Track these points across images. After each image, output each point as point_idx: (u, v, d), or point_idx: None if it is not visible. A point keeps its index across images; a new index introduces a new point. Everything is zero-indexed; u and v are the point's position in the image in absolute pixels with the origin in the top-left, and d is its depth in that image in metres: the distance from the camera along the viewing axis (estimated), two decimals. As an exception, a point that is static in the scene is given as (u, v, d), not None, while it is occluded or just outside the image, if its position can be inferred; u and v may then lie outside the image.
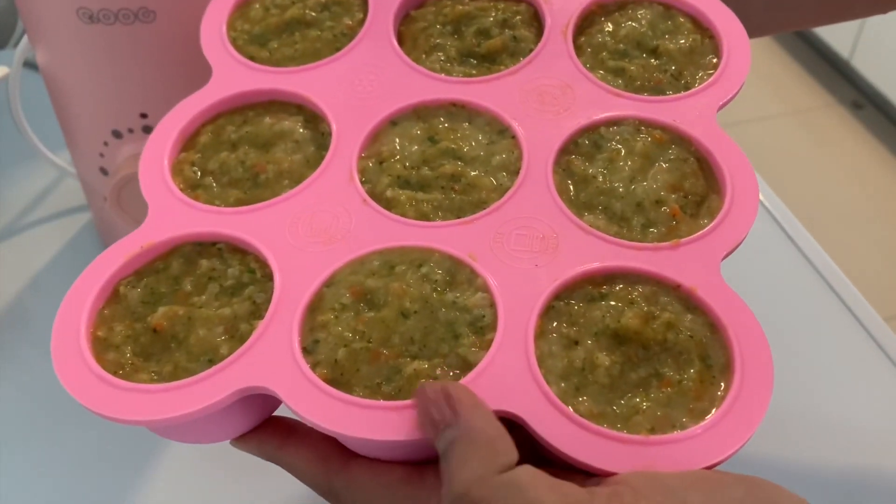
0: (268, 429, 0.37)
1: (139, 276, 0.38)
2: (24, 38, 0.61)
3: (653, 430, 0.33)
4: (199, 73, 0.54)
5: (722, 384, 0.34)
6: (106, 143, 0.56)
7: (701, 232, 0.38)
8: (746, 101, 0.82)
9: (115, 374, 0.36)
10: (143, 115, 0.54)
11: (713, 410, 0.33)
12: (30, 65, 0.79)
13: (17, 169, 0.73)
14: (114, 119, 0.55)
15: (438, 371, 0.34)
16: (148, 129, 0.55)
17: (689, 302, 0.36)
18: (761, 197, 0.73)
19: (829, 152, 2.18)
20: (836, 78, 2.38)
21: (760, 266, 0.69)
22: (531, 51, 0.44)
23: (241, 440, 0.37)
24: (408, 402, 0.33)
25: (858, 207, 2.03)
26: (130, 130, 0.55)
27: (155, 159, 0.41)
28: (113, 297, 0.38)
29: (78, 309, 0.37)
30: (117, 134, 0.55)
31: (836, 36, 2.32)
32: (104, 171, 0.58)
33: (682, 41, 0.44)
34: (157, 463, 0.54)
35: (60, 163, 0.67)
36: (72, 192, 0.70)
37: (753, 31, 0.47)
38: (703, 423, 0.33)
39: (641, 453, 0.32)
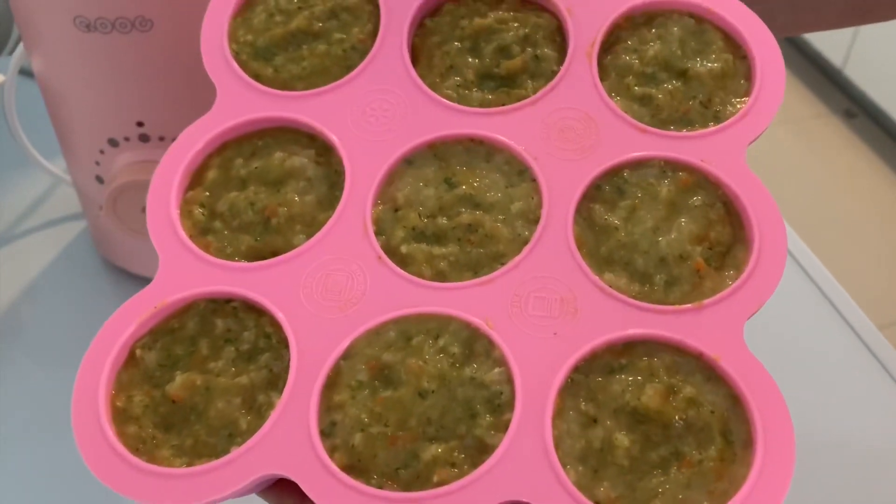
0: (287, 486, 0.35)
1: (154, 337, 0.37)
2: (20, 46, 0.61)
3: None
4: (196, 82, 0.54)
5: (744, 462, 0.33)
6: (102, 152, 0.56)
7: (726, 291, 0.36)
8: None
9: (136, 449, 0.35)
10: (140, 124, 0.54)
11: (734, 492, 0.32)
12: (25, 72, 0.79)
13: (11, 176, 0.73)
14: (110, 127, 0.55)
15: (455, 454, 0.34)
16: (144, 138, 0.55)
17: (712, 372, 0.35)
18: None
19: (822, 161, 2.19)
20: (829, 87, 2.39)
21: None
22: (553, 72, 0.41)
23: (260, 494, 0.37)
24: (426, 492, 0.33)
25: (852, 216, 2.04)
26: (127, 139, 0.55)
27: (162, 199, 0.40)
28: (130, 360, 0.37)
29: (96, 375, 0.36)
30: (113, 142, 0.55)
31: (829, 45, 2.33)
32: (100, 180, 0.58)
33: (714, 62, 0.41)
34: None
35: (55, 170, 0.67)
36: (67, 200, 0.70)
37: (778, 31, 0.45)
38: None
39: None
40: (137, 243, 0.61)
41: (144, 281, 0.63)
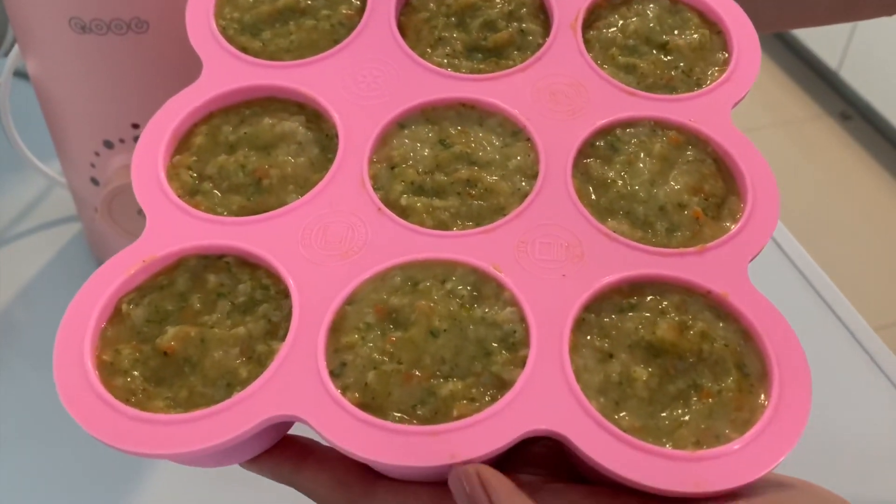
0: (283, 451, 0.35)
1: (142, 293, 0.36)
2: (15, 48, 0.61)
3: (698, 443, 0.33)
4: (189, 82, 0.54)
5: (761, 393, 0.34)
6: (97, 154, 0.56)
7: (727, 235, 0.37)
8: (735, 111, 0.82)
9: (126, 401, 0.33)
10: (135, 126, 0.54)
11: (755, 421, 0.33)
12: (20, 74, 0.79)
13: (6, 178, 0.73)
14: (105, 129, 0.55)
15: (474, 391, 0.33)
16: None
17: (721, 309, 0.35)
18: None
19: (818, 163, 2.19)
20: (825, 89, 2.39)
21: (750, 275, 0.69)
22: (539, 45, 0.43)
23: (254, 463, 0.35)
24: (447, 425, 0.32)
25: (847, 218, 2.04)
26: (122, 141, 0.55)
27: (148, 163, 0.38)
28: (115, 315, 0.35)
29: (80, 330, 0.34)
30: (109, 144, 0.55)
31: (825, 47, 2.33)
32: (95, 182, 0.57)
33: (691, 36, 0.43)
34: (151, 474, 0.54)
35: (51, 172, 0.67)
36: (62, 203, 0.70)
37: (764, 27, 0.46)
38: (747, 435, 0.32)
39: (689, 469, 0.32)
40: (130, 244, 0.61)
41: (140, 283, 0.64)
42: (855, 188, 2.14)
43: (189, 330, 0.35)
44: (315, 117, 0.41)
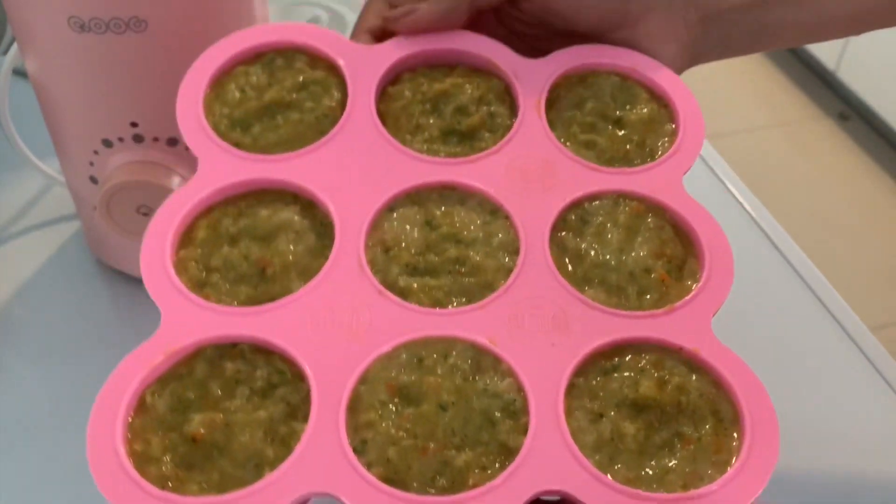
0: None
1: (163, 384, 0.38)
2: (14, 46, 0.61)
3: (685, 486, 0.37)
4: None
5: (735, 434, 0.38)
6: (96, 152, 0.56)
7: (691, 295, 0.41)
8: (734, 112, 0.83)
9: (163, 488, 0.36)
10: (134, 125, 0.54)
11: (733, 461, 0.37)
12: (18, 73, 0.79)
13: (5, 177, 0.73)
14: (104, 128, 0.55)
15: (484, 459, 0.37)
16: (138, 139, 0.55)
17: (693, 363, 0.40)
18: (748, 207, 0.74)
19: (816, 163, 2.20)
20: (823, 89, 2.40)
21: (748, 276, 0.69)
22: (508, 126, 0.47)
23: None
24: (465, 494, 0.36)
25: (845, 218, 2.05)
26: (121, 139, 0.55)
27: (156, 258, 0.41)
28: (140, 406, 0.38)
29: (110, 423, 0.37)
30: (107, 143, 0.55)
31: (823, 48, 2.34)
32: (94, 180, 0.57)
33: (642, 111, 0.48)
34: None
35: (49, 171, 0.67)
36: (60, 201, 0.70)
37: (737, 52, 0.51)
38: (727, 474, 0.37)
39: None
40: (131, 244, 0.61)
41: (138, 282, 0.63)
42: (853, 189, 2.14)
43: (214, 416, 0.37)
44: (309, 206, 0.43)
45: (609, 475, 0.37)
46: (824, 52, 2.34)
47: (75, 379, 0.59)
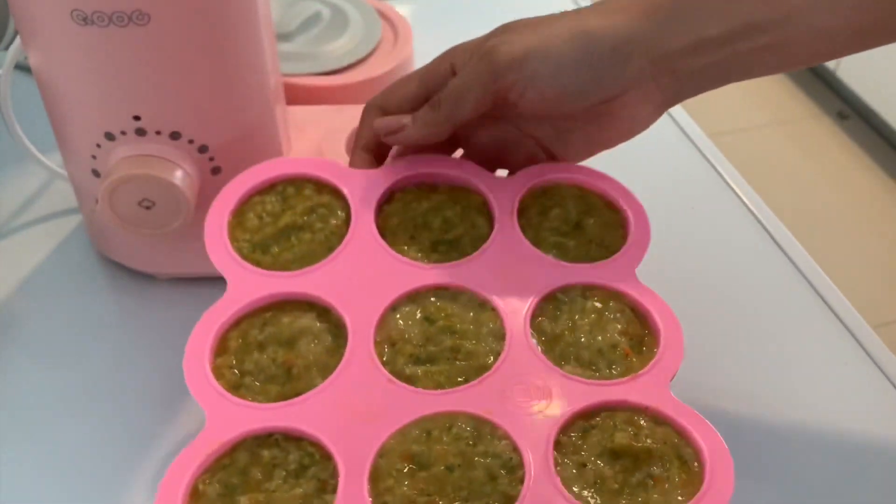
0: None
1: (212, 473, 0.45)
2: (17, 40, 0.61)
3: None
4: (193, 76, 0.54)
5: (696, 472, 0.46)
6: (98, 146, 0.56)
7: (650, 365, 0.49)
8: (733, 111, 0.83)
9: None
10: (136, 118, 0.54)
11: (698, 493, 0.45)
12: (21, 67, 0.79)
13: (7, 171, 0.73)
14: (106, 121, 0.55)
15: None
16: (141, 132, 0.55)
17: (657, 418, 0.47)
18: (751, 206, 0.74)
19: (815, 162, 2.20)
20: (822, 88, 2.40)
21: (749, 273, 0.69)
22: (486, 233, 0.55)
23: None
24: None
25: (844, 217, 2.05)
26: (123, 133, 0.55)
27: (198, 367, 0.48)
28: (194, 494, 0.44)
29: None
30: (110, 136, 0.55)
31: (822, 47, 2.33)
32: (96, 174, 0.57)
33: (599, 216, 0.56)
34: (148, 468, 0.54)
35: (51, 165, 0.67)
36: (62, 195, 0.70)
37: (716, 86, 0.54)
38: (694, 499, 0.44)
39: None
40: (133, 238, 0.61)
41: (140, 276, 0.64)
42: (851, 187, 2.14)
43: (258, 496, 0.44)
44: (324, 312, 0.51)
45: None
46: (824, 50, 2.34)
47: (77, 373, 0.59)
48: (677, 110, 0.83)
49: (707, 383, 0.59)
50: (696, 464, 0.46)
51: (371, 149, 0.57)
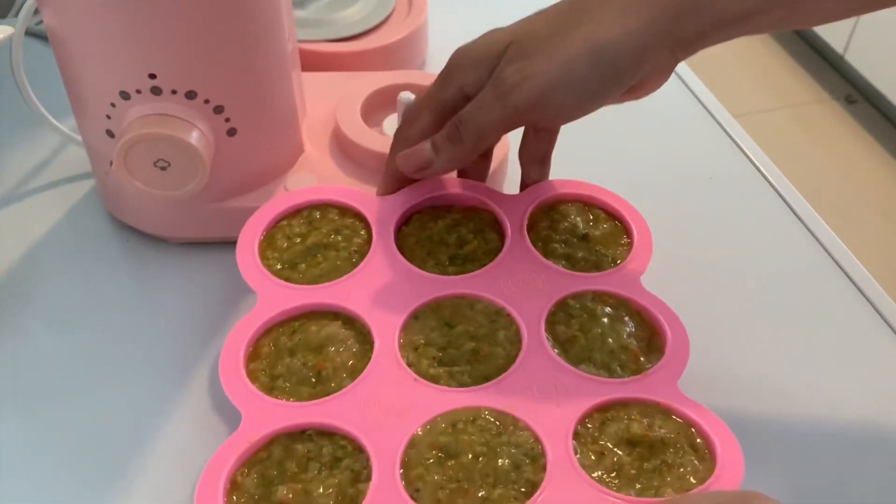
0: None
1: (249, 466, 0.48)
2: (26, 6, 0.61)
3: None
4: (209, 34, 0.54)
5: (710, 460, 0.48)
6: (113, 105, 0.55)
7: (660, 363, 0.52)
8: (740, 95, 0.83)
9: None
10: (152, 76, 0.54)
11: (710, 477, 0.47)
12: (32, 35, 0.78)
13: (19, 135, 0.72)
14: (121, 80, 0.54)
15: (514, 493, 0.46)
16: (156, 91, 0.54)
17: (668, 412, 0.50)
18: (779, 188, 0.73)
19: (823, 147, 2.19)
20: (830, 73, 2.39)
21: (775, 253, 0.68)
22: (499, 247, 0.58)
23: None
24: None
25: (851, 202, 2.04)
26: (139, 91, 0.54)
27: (233, 372, 0.51)
28: (233, 486, 0.47)
29: (214, 501, 0.46)
30: (125, 95, 0.54)
31: (831, 31, 2.32)
32: (110, 134, 0.57)
33: (603, 228, 0.60)
34: (162, 433, 0.54)
35: (64, 129, 0.66)
36: (75, 160, 0.70)
37: (762, 30, 0.53)
38: (706, 483, 0.47)
39: None
40: (147, 201, 0.60)
41: (153, 240, 0.63)
42: (859, 172, 2.13)
43: (295, 486, 0.46)
44: (349, 321, 0.54)
45: (617, 497, 0.46)
46: (832, 35, 2.33)
47: (90, 338, 0.58)
48: (701, 89, 0.83)
49: (721, 370, 0.59)
50: (707, 452, 0.48)
51: (399, 176, 0.59)
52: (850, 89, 2.34)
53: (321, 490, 0.46)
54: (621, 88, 0.53)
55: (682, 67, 0.86)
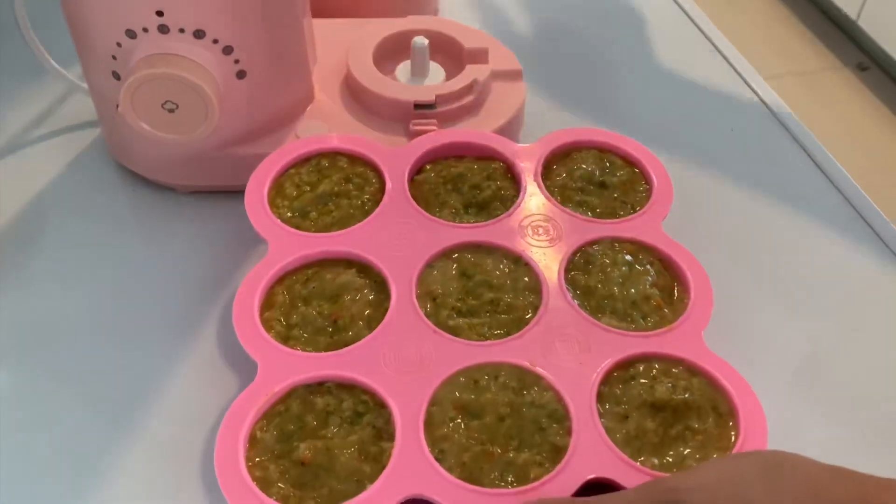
0: None
1: (268, 420, 0.46)
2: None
3: None
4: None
5: (731, 423, 0.47)
6: (119, 45, 0.53)
7: (683, 316, 0.51)
8: (751, 62, 0.81)
9: None
10: (159, 13, 0.52)
11: (732, 446, 0.45)
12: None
13: (23, 83, 0.71)
14: (128, 17, 0.52)
15: (538, 457, 0.45)
16: (163, 29, 0.52)
17: (692, 369, 0.49)
18: (801, 140, 0.72)
19: (833, 113, 2.17)
20: (842, 39, 2.36)
21: (798, 204, 0.67)
22: (513, 196, 0.57)
23: None
24: (529, 486, 0.44)
25: (862, 169, 2.02)
26: (145, 30, 0.52)
27: (247, 320, 0.50)
28: (252, 440, 0.45)
29: (233, 456, 0.44)
30: (131, 34, 0.53)
31: (844, -4, 2.29)
32: (116, 76, 0.55)
33: (620, 175, 0.59)
34: (169, 384, 0.52)
35: (69, 76, 0.65)
36: (80, 108, 0.68)
37: None
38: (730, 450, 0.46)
39: None
40: (154, 148, 0.59)
41: (160, 189, 0.62)
42: (871, 139, 2.11)
43: (316, 443, 0.45)
44: (364, 269, 0.53)
45: (640, 464, 0.45)
46: (845, 1, 2.30)
47: (96, 287, 0.57)
48: (732, 51, 0.81)
49: (744, 322, 0.57)
50: (730, 416, 0.47)
51: None
52: (863, 56, 2.31)
53: (343, 448, 0.45)
54: None
55: (703, 19, 0.84)
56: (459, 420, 0.46)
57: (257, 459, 0.45)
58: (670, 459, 0.45)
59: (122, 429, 0.50)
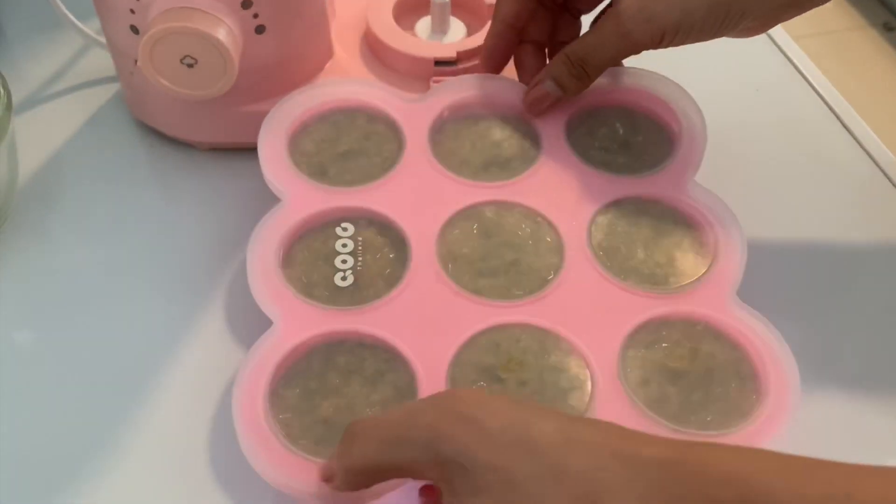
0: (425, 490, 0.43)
1: (289, 378, 0.46)
2: None
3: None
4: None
5: (754, 390, 0.46)
6: (137, -1, 0.53)
7: (710, 276, 0.50)
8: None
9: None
10: (178, -34, 0.51)
11: (754, 413, 0.45)
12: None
13: (41, 37, 0.70)
14: (146, -30, 0.52)
15: None
16: (182, -18, 0.52)
17: (715, 330, 0.48)
18: (829, 100, 0.71)
19: (859, 74, 2.14)
20: (868, -1, 2.32)
21: (827, 163, 0.66)
22: (534, 155, 0.56)
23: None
24: None
25: (887, 130, 1.99)
26: (164, -17, 0.52)
27: (266, 274, 0.49)
28: (273, 397, 0.45)
29: (255, 415, 0.44)
30: (150, -13, 0.52)
31: (871, -46, 2.25)
32: (135, 30, 0.55)
33: (645, 134, 0.58)
34: (186, 347, 0.53)
35: (87, 30, 0.64)
36: (99, 64, 0.67)
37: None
38: (752, 417, 0.45)
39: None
40: (173, 104, 0.58)
41: (179, 146, 0.62)
42: (895, 100, 2.08)
43: (339, 401, 0.45)
44: (384, 227, 0.52)
45: (665, 428, 0.44)
46: (871, -41, 2.26)
47: (114, 243, 0.57)
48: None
49: (779, 279, 0.57)
50: (754, 381, 0.46)
51: (510, 22, 0.58)
52: (889, 16, 2.27)
53: (366, 406, 0.45)
54: (735, 29, 0.52)
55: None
56: (482, 383, 0.46)
57: (280, 416, 0.44)
58: (693, 426, 0.45)
59: (137, 384, 0.50)
